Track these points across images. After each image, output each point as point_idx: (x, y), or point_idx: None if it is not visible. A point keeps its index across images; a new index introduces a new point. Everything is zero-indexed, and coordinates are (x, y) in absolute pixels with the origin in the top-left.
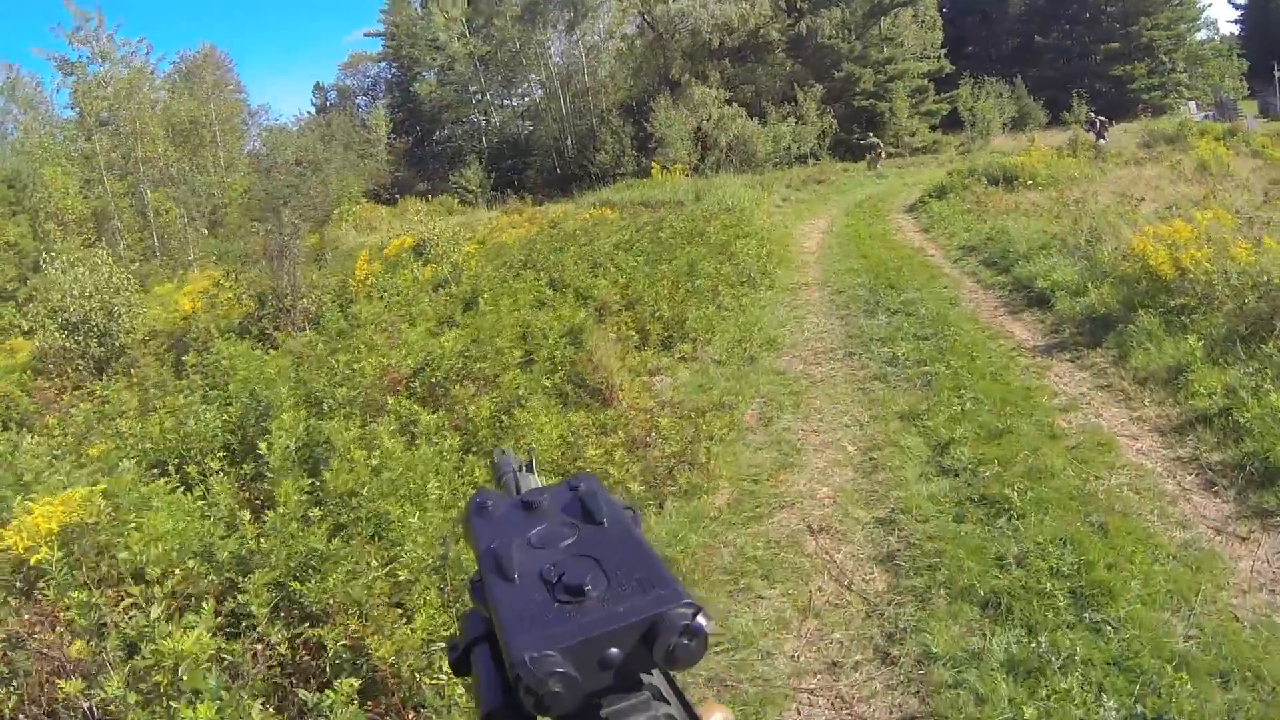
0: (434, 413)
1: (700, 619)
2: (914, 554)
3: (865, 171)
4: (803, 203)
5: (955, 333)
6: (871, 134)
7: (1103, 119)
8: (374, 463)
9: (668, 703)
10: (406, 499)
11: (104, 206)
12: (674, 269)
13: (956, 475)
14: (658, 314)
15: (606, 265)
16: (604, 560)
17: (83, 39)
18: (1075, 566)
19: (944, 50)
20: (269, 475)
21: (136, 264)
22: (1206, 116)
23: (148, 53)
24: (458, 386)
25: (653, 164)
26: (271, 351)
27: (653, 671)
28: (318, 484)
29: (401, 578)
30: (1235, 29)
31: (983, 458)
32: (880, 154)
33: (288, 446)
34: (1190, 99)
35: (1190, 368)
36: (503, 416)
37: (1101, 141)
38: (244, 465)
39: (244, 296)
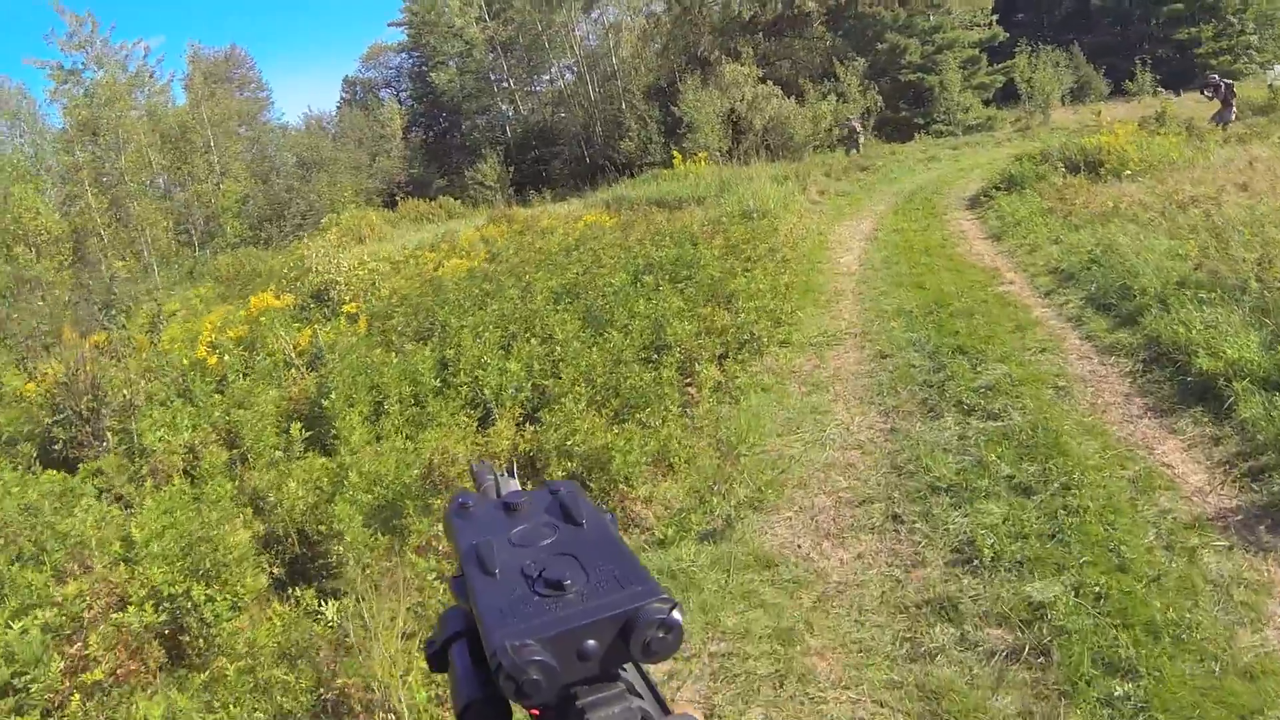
0: None
1: (675, 613)
2: None
3: (845, 157)
4: (843, 195)
5: (1076, 473)
6: (850, 117)
7: (1228, 81)
8: None
9: (641, 697)
10: None
11: (86, 223)
12: (630, 336)
13: None
14: (569, 443)
15: (527, 334)
16: (583, 558)
17: (77, 44)
18: None
19: (995, 16)
20: None
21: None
22: None
23: (145, 55)
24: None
25: (674, 153)
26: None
27: (627, 667)
28: None
29: None
30: None
31: None
32: (859, 138)
33: None
34: (1260, 62)
35: None
36: None
37: (1230, 113)
38: None
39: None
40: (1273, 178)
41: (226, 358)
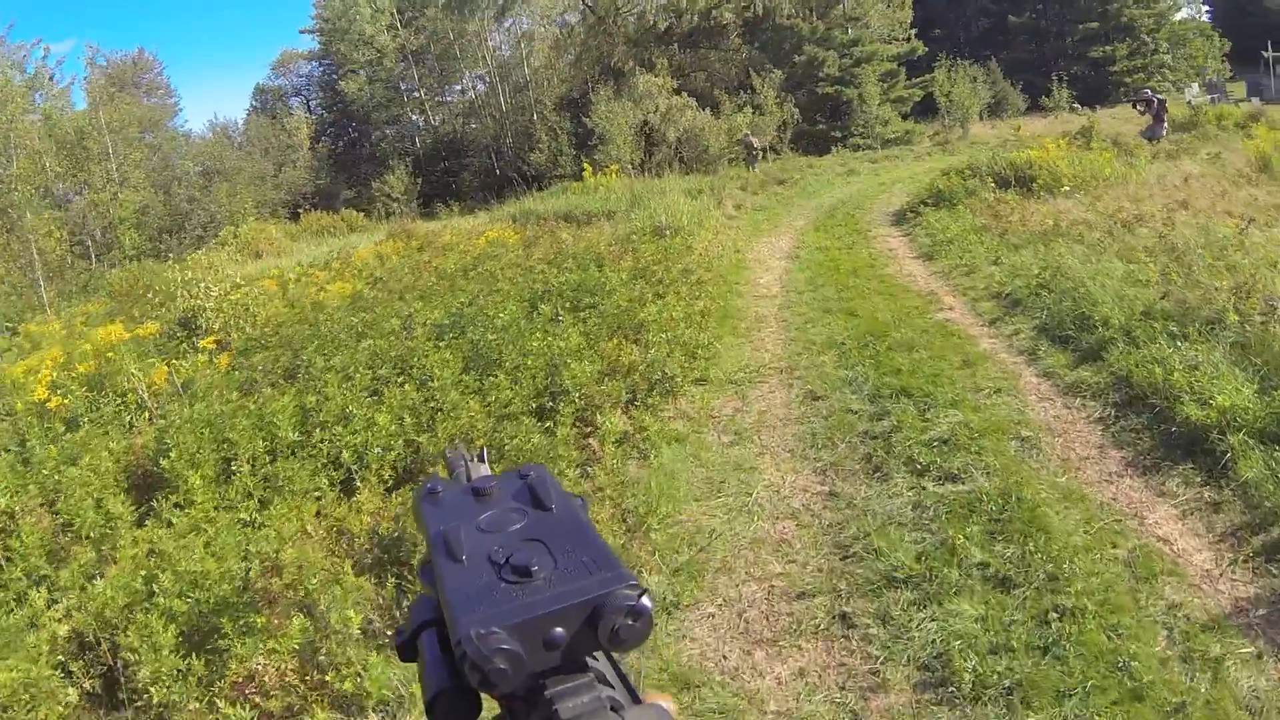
0: None
1: (645, 600)
2: None
3: (749, 171)
4: (760, 210)
5: (1063, 558)
6: (747, 132)
7: (1160, 97)
8: None
9: (611, 687)
10: None
11: None
12: (520, 382)
13: None
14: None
15: (402, 376)
16: (551, 544)
17: None
18: None
19: (913, 31)
20: None
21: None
22: (1215, 99)
23: (44, 56)
24: None
25: (584, 166)
26: None
27: (597, 656)
28: None
29: None
30: (1203, 12)
31: None
32: (756, 153)
33: None
34: (1173, 81)
35: None
36: None
37: (1161, 129)
38: None
39: None
40: (1212, 195)
41: (67, 400)
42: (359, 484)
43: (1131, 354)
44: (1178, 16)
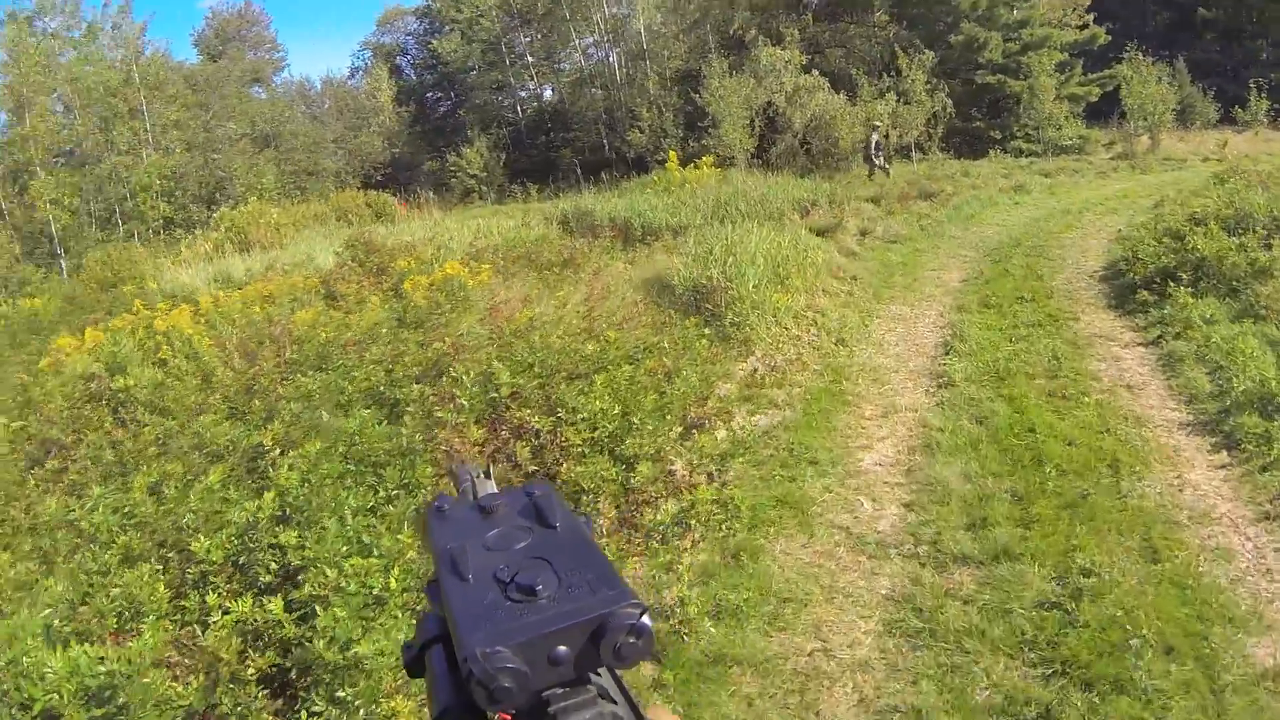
0: None
1: (645, 618)
2: None
3: (868, 177)
4: (895, 243)
5: None
6: (876, 124)
7: None
8: None
9: (615, 702)
10: None
11: None
12: None
13: None
14: None
15: None
16: (556, 562)
17: None
18: None
19: (1091, 16)
20: None
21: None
22: None
23: (106, 5)
24: None
25: (669, 155)
26: None
27: (600, 671)
28: None
29: None
30: None
31: None
32: (880, 155)
33: None
34: None
35: None
36: None
37: None
38: None
39: None
40: None
41: None
42: None
43: None
44: None
